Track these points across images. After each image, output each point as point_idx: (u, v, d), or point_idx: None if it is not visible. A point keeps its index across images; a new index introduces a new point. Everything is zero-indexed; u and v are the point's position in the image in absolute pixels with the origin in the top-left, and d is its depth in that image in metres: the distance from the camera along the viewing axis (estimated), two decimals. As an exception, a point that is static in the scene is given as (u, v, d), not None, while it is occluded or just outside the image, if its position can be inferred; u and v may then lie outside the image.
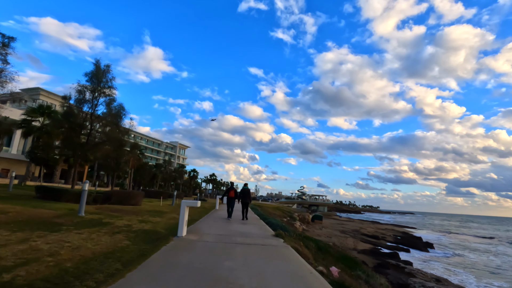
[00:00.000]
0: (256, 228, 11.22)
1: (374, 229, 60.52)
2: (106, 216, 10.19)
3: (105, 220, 9.04)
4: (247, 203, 15.10)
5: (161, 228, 9.08)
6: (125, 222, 9.30)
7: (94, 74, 15.67)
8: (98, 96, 15.92)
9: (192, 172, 76.48)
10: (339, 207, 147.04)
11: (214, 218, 13.92)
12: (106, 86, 15.98)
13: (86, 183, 9.75)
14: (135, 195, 16.06)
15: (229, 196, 14.63)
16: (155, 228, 8.89)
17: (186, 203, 7.89)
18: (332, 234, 42.95)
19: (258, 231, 10.06)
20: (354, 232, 50.16)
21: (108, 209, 12.44)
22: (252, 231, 10.05)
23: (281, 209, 54.61)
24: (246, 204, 15.09)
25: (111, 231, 7.50)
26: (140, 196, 16.45)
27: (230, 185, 15.57)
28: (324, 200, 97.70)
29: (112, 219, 9.60)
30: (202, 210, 18.41)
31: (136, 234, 7.53)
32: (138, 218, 10.81)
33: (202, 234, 8.43)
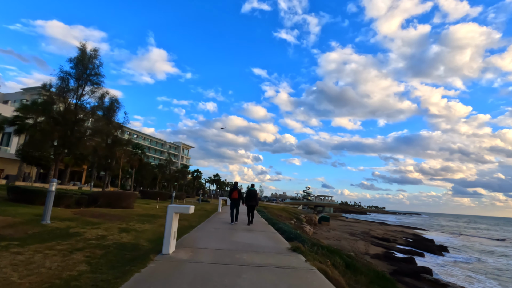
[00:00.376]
0: (266, 237, 9.12)
1: (383, 231, 58.07)
2: (81, 223, 8.18)
3: (73, 230, 7.02)
4: (253, 206, 13.23)
5: (145, 239, 7.05)
6: (100, 231, 7.28)
7: (80, 60, 13.75)
8: (84, 84, 13.99)
9: (195, 172, 74.57)
10: (344, 207, 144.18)
11: (215, 224, 11.86)
12: (92, 73, 14.02)
13: (53, 182, 7.75)
14: (126, 197, 14.06)
15: (232, 197, 13.03)
16: (137, 240, 6.86)
17: (174, 209, 5.82)
18: (341, 237, 40.71)
19: (269, 242, 7.98)
20: (363, 234, 47.81)
21: (90, 214, 10.44)
22: (262, 242, 7.98)
23: (287, 210, 52.47)
24: (252, 207, 13.24)
25: (72, 247, 5.47)
26: (133, 198, 14.45)
27: (234, 185, 13.72)
28: (330, 201, 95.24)
29: (85, 227, 7.58)
30: (203, 213, 16.36)
31: (106, 251, 5.49)
32: (121, 225, 8.79)
33: (196, 249, 6.37)
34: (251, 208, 13.18)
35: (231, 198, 13.04)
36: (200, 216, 14.41)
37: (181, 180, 65.17)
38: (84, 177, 37.34)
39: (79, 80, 13.98)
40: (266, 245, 7.54)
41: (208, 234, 8.67)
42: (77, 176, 38.29)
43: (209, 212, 16.99)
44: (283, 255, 6.39)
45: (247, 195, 13.31)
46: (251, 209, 13.17)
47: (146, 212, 13.21)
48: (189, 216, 13.57)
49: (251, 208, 13.16)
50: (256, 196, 13.48)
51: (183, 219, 12.26)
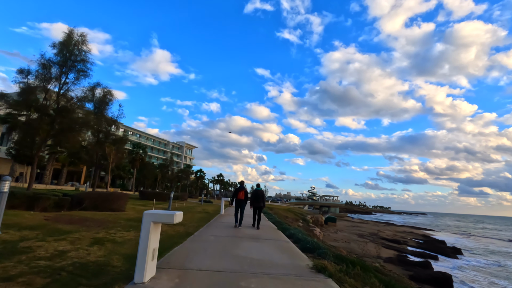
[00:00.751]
0: (278, 249, 7.30)
1: (392, 232, 55.92)
2: (44, 233, 6.42)
3: (25, 244, 5.26)
4: (260, 208, 11.79)
5: (121, 255, 5.27)
6: (62, 245, 5.51)
7: (64, 45, 12.11)
8: (67, 70, 12.32)
9: (198, 172, 72.93)
10: (349, 208, 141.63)
11: (216, 229, 10.07)
12: (78, 59, 12.35)
13: (5, 180, 6.00)
14: (116, 198, 12.31)
15: (237, 198, 11.71)
16: (108, 256, 5.09)
17: (152, 217, 4.00)
18: (349, 239, 38.78)
19: (284, 257, 6.16)
20: (372, 235, 45.78)
21: (66, 220, 8.71)
22: (274, 256, 6.16)
23: (293, 211, 50.59)
24: (259, 209, 11.80)
25: (2, 273, 3.71)
26: (124, 199, 12.69)
27: (239, 184, 12.26)
28: (335, 201, 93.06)
29: (46, 239, 5.82)
30: (204, 216, 14.60)
31: (51, 279, 3.72)
32: (98, 234, 7.02)
33: (186, 271, 4.56)
34: (258, 210, 11.75)
35: (237, 199, 11.67)
36: (200, 219, 12.65)
37: (184, 180, 63.55)
38: (83, 177, 35.82)
39: (62, 67, 12.32)
40: (280, 261, 5.72)
41: (205, 246, 6.87)
42: (76, 176, 36.80)
43: (211, 215, 15.23)
44: (306, 279, 4.57)
45: (253, 196, 11.89)
46: (257, 211, 11.75)
47: (137, 216, 11.46)
48: (186, 220, 11.83)
49: (258, 210, 11.74)
50: (263, 197, 12.04)
51: (179, 224, 10.53)
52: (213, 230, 9.84)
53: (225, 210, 19.07)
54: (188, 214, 14.02)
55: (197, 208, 19.49)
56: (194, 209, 18.42)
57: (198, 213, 15.49)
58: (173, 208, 17.92)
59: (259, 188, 12.18)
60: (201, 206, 22.03)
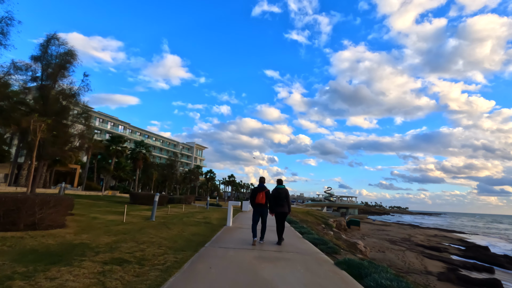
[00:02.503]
0: None
1: (423, 236, 49.37)
2: None
3: None
4: (284, 214, 8.19)
5: None
6: None
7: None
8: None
9: (208, 173, 68.04)
10: (366, 208, 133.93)
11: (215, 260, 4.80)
12: None
13: None
14: (43, 205, 6.92)
15: (256, 202, 7.91)
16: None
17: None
18: (382, 246, 32.85)
19: None
20: (405, 241, 39.59)
21: None
22: None
23: (312, 213, 44.88)
24: (283, 216, 8.21)
25: None
26: (60, 208, 7.30)
27: (259, 182, 8.25)
28: (349, 201, 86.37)
29: None
30: (200, 231, 9.34)
31: None
32: None
33: None
34: (281, 218, 8.17)
35: (255, 204, 7.91)
36: (189, 240, 7.35)
37: (193, 182, 58.77)
38: (77, 178, 31.35)
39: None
40: None
41: None
42: (70, 177, 32.39)
43: (213, 227, 10.03)
44: None
45: (274, 197, 8.12)
46: (280, 219, 8.17)
47: (60, 240, 6.10)
48: (172, 240, 6.65)
49: (280, 217, 8.16)
50: (287, 198, 8.25)
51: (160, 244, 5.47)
52: (211, 260, 4.59)
53: (234, 218, 13.82)
54: (177, 228, 8.84)
55: (197, 215, 14.26)
56: (193, 217, 13.23)
57: (193, 225, 10.27)
58: (161, 216, 12.76)
59: (282, 186, 8.27)
60: (205, 212, 16.77)
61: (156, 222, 10.19)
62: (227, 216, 10.85)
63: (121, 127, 70.91)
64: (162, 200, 20.94)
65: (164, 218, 11.79)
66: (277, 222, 8.18)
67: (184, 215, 14.06)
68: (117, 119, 69.77)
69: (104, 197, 24.47)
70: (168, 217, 12.53)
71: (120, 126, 70.64)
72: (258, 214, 7.88)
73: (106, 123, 65.99)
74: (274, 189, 8.28)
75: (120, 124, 70.49)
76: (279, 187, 8.20)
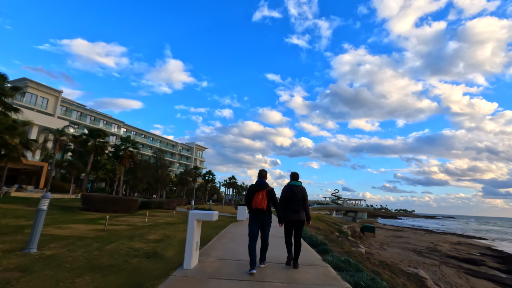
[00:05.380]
0: None
1: (447, 244, 42.93)
2: None
3: None
4: (301, 224, 5.21)
5: None
6: None
7: None
8: None
9: (207, 174, 62.05)
10: (373, 212, 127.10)
11: None
12: None
13: None
14: None
15: (253, 207, 4.90)
16: None
17: None
18: (410, 260, 26.63)
19: None
20: (431, 252, 33.31)
21: None
22: None
23: (322, 219, 38.72)
24: (299, 227, 5.20)
25: None
26: None
27: (259, 176, 5.20)
28: (355, 205, 79.94)
29: None
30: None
31: None
32: None
33: None
34: (296, 230, 5.26)
35: (252, 209, 4.96)
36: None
37: (189, 183, 52.90)
38: (44, 178, 25.63)
39: None
40: None
41: None
42: (36, 177, 26.70)
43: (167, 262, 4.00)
44: None
45: (287, 199, 5.26)
46: (295, 231, 5.27)
47: None
48: None
49: (296, 228, 5.25)
50: (305, 200, 5.34)
51: None
52: None
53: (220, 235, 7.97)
54: None
55: (153, 233, 8.15)
56: (141, 238, 7.14)
57: (111, 266, 4.30)
58: (80, 236, 6.86)
59: (297, 183, 5.37)
60: (174, 226, 10.54)
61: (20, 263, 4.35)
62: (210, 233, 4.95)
63: (115, 126, 65.48)
64: (130, 205, 15.06)
65: (71, 245, 5.94)
66: (289, 235, 5.23)
67: (132, 232, 8.18)
68: (110, 117, 64.40)
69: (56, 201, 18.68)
70: (90, 238, 6.68)
71: (114, 125, 65.23)
72: (256, 225, 4.90)
73: (98, 121, 60.63)
74: (287, 187, 5.42)
75: (114, 123, 65.06)
76: (294, 184, 5.37)
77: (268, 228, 4.97)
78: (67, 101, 56.75)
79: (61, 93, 48.82)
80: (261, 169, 5.25)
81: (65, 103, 55.36)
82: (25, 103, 43.62)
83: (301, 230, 5.30)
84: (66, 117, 53.22)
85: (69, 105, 56.63)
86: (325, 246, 7.38)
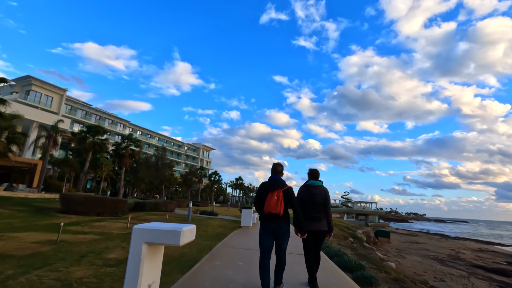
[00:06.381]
0: None
1: (468, 250, 39.64)
2: None
3: None
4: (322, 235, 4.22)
5: None
6: None
7: None
8: None
9: (213, 175, 59.88)
10: (384, 215, 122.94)
11: None
12: None
13: None
14: None
15: (266, 211, 3.64)
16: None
17: None
18: (435, 270, 23.83)
19: None
20: (454, 260, 30.27)
21: None
22: None
23: (334, 223, 36.04)
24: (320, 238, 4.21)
25: None
26: None
27: (272, 172, 4.10)
28: (364, 208, 76.56)
29: None
30: None
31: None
32: None
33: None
34: (317, 241, 4.24)
35: (264, 214, 3.67)
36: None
37: (194, 184, 50.81)
38: (38, 176, 23.82)
39: None
40: None
41: None
42: (30, 175, 24.94)
43: None
44: None
45: (305, 202, 4.20)
46: (315, 243, 4.23)
47: None
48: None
49: (316, 239, 4.22)
50: (327, 204, 4.33)
51: None
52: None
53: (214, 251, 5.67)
54: None
55: (123, 247, 5.99)
56: (97, 257, 5.00)
57: None
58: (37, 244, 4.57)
59: (318, 183, 4.43)
60: None
61: None
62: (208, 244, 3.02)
63: (121, 126, 64.07)
64: (116, 207, 12.88)
65: None
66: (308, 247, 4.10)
67: (93, 245, 5.95)
68: (116, 116, 63.03)
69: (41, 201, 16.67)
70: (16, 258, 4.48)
71: (119, 124, 63.83)
72: (270, 235, 3.69)
73: (104, 120, 59.28)
74: (304, 187, 4.35)
75: (120, 122, 63.66)
76: (313, 184, 4.28)
77: (286, 240, 3.76)
78: (72, 100, 55.56)
79: (65, 91, 47.49)
80: (276, 163, 4.12)
81: (70, 102, 54.17)
82: (29, 101, 42.48)
83: (321, 244, 4.32)
84: (71, 116, 52.00)
85: (74, 104, 55.42)
86: (364, 272, 4.97)
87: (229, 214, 25.19)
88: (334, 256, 6.24)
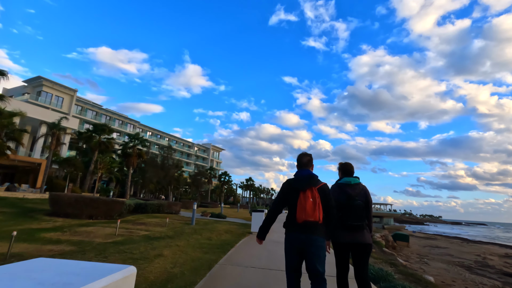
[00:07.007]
0: None
1: (495, 256, 36.76)
2: None
3: None
4: (367, 250, 3.02)
5: None
6: None
7: None
8: None
9: (223, 176, 58.57)
10: (398, 217, 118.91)
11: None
12: None
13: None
14: None
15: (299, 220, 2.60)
16: None
17: None
18: (464, 279, 21.57)
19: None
20: (482, 267, 27.72)
21: None
22: None
23: (349, 225, 33.97)
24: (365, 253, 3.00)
25: None
26: None
27: (299, 164, 2.91)
28: (379, 209, 73.55)
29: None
30: None
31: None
32: None
33: None
34: (359, 256, 3.02)
35: (297, 224, 2.62)
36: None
37: (203, 185, 49.60)
38: (41, 176, 22.94)
39: None
40: None
41: None
42: (34, 175, 24.11)
43: None
44: None
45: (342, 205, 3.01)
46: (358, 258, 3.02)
47: None
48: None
49: (358, 254, 3.03)
50: (369, 208, 3.16)
51: None
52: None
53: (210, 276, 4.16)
54: None
55: None
56: None
57: None
58: None
59: (355, 180, 3.22)
60: (159, 241, 6.70)
61: None
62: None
63: (131, 126, 63.62)
64: (112, 209, 11.50)
65: None
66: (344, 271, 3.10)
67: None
68: (126, 116, 62.62)
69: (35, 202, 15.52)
70: None
71: (129, 125, 63.40)
72: (297, 251, 2.64)
73: (114, 121, 58.90)
74: (337, 187, 3.27)
75: (129, 123, 63.24)
76: (349, 183, 3.23)
77: (323, 258, 2.59)
78: (83, 101, 55.38)
79: (76, 92, 47.19)
80: (302, 153, 2.99)
81: (80, 103, 53.98)
82: (40, 101, 42.28)
83: (367, 261, 3.07)
84: (81, 117, 51.78)
85: (84, 105, 55.23)
86: None
87: (239, 216, 23.65)
88: (378, 279, 4.51)
